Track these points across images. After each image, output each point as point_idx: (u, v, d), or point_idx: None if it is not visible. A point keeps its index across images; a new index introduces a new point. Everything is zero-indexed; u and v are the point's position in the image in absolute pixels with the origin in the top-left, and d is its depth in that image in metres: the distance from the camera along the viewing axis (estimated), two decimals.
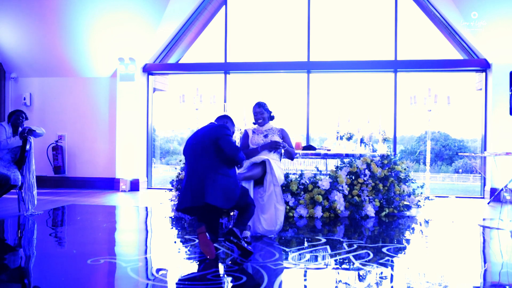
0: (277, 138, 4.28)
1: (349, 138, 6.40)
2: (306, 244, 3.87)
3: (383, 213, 5.42)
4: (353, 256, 3.44)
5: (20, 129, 5.18)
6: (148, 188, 8.26)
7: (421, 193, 5.94)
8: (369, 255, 3.46)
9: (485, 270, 3.25)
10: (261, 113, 4.34)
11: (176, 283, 2.83)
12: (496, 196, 6.70)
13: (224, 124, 3.55)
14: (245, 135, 4.39)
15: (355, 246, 3.77)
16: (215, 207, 3.29)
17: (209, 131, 3.46)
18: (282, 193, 4.04)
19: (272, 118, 4.45)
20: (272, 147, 4.16)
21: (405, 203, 5.59)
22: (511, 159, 6.19)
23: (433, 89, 7.17)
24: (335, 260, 3.36)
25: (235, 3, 8.18)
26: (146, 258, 3.46)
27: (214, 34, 8.26)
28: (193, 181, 3.32)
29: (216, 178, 3.27)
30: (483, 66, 7.25)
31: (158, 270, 3.09)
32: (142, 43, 7.76)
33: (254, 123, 4.42)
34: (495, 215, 5.56)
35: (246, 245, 3.39)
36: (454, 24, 7.09)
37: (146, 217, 5.60)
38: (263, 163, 4.00)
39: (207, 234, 3.25)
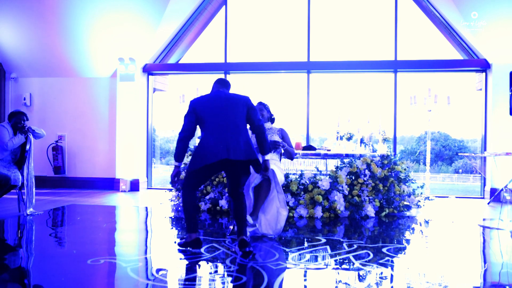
0: (276, 138, 4.28)
1: (349, 138, 6.40)
2: (306, 244, 3.87)
3: (383, 213, 5.42)
4: (353, 256, 3.44)
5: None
6: (148, 188, 8.25)
7: (421, 193, 5.94)
8: (369, 255, 3.46)
9: (485, 270, 3.25)
10: (261, 110, 4.37)
11: (176, 283, 2.83)
12: (496, 196, 6.70)
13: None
14: None
15: (355, 246, 3.77)
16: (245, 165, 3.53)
17: (239, 96, 3.62)
18: (285, 199, 4.03)
19: (272, 120, 4.47)
20: (272, 146, 4.15)
21: (405, 203, 5.59)
22: (511, 159, 6.19)
23: (433, 89, 7.18)
24: (335, 260, 3.35)
25: (235, 3, 8.18)
26: (146, 258, 3.47)
27: (214, 34, 8.25)
28: (228, 138, 3.40)
29: (249, 137, 3.54)
30: (483, 66, 7.25)
31: (158, 270, 3.09)
32: (142, 43, 7.76)
33: None
34: (495, 215, 5.56)
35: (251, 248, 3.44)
36: (454, 24, 7.09)
37: (146, 217, 5.60)
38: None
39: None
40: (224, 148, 3.36)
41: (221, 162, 3.41)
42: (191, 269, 3.18)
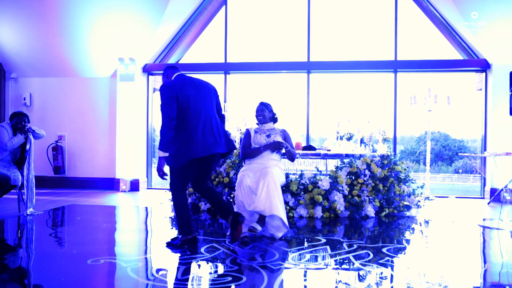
0: (279, 139, 4.28)
1: (349, 138, 6.39)
2: (306, 244, 3.87)
3: (383, 213, 5.42)
4: (353, 256, 3.44)
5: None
6: (148, 188, 8.26)
7: (421, 193, 5.94)
8: (369, 255, 3.46)
9: (485, 270, 3.25)
10: (262, 110, 4.36)
11: (176, 283, 2.83)
12: (496, 196, 6.70)
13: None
14: (247, 134, 4.38)
15: (355, 246, 3.77)
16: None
17: (209, 84, 3.62)
18: (287, 223, 4.01)
19: (275, 120, 4.46)
20: (275, 147, 4.15)
21: (405, 203, 5.59)
22: (511, 159, 6.19)
23: (433, 89, 7.17)
24: (335, 260, 3.35)
25: (235, 3, 8.18)
26: (146, 258, 3.46)
27: (214, 34, 8.26)
28: (214, 129, 3.41)
29: (224, 126, 3.61)
30: (483, 66, 7.25)
31: (158, 270, 3.08)
32: (142, 43, 7.76)
33: (258, 123, 4.44)
34: (495, 215, 5.56)
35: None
36: (454, 24, 7.10)
37: (146, 217, 5.60)
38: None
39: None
40: (213, 141, 3.29)
41: (210, 156, 3.34)
42: (191, 269, 3.18)
